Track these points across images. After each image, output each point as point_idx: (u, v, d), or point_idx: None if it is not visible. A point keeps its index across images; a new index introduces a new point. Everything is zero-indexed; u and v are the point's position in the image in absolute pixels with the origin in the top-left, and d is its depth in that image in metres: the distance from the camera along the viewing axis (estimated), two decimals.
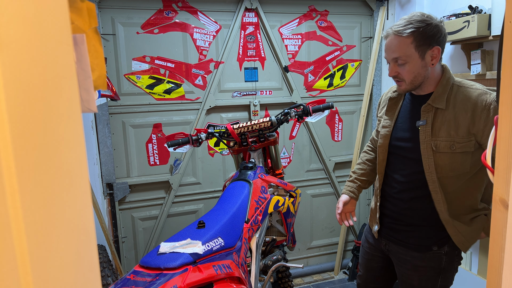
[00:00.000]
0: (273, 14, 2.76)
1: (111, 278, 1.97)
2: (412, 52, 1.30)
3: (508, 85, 0.52)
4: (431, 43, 1.30)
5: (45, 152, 0.37)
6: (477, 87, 1.36)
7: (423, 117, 1.39)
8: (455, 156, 1.35)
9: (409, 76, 1.34)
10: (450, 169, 1.38)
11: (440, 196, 1.41)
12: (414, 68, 1.32)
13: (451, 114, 1.34)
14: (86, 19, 0.56)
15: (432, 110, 1.38)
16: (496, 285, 0.56)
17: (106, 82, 0.62)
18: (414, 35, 1.28)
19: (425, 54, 1.31)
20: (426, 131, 1.38)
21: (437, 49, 1.31)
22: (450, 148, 1.34)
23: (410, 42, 1.29)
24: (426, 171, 1.41)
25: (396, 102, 1.54)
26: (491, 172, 0.60)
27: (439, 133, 1.36)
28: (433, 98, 1.37)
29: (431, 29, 1.29)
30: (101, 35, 2.39)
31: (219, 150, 2.79)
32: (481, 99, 1.30)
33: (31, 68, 0.35)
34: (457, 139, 1.33)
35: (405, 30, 1.29)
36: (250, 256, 1.66)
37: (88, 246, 0.46)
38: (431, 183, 1.41)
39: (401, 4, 2.83)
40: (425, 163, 1.40)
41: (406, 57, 1.31)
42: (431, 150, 1.38)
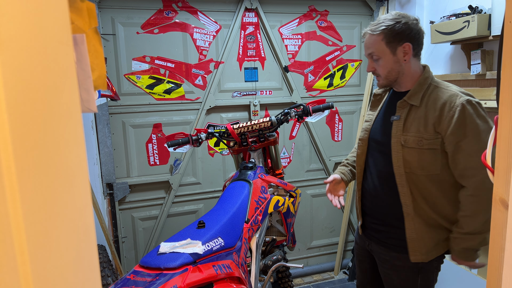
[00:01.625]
0: (273, 14, 2.76)
1: (111, 278, 1.97)
2: (384, 48, 1.41)
3: (508, 85, 0.52)
4: (400, 40, 1.40)
5: (45, 152, 0.37)
6: (451, 89, 1.41)
7: (398, 112, 1.47)
8: (423, 153, 1.40)
9: (383, 71, 1.44)
10: (418, 166, 1.42)
11: (406, 190, 1.46)
12: (387, 64, 1.42)
13: (423, 111, 1.41)
14: (86, 19, 0.56)
15: (407, 107, 1.45)
16: (496, 285, 0.56)
17: (106, 82, 0.62)
18: (384, 32, 1.39)
19: (396, 50, 1.41)
20: (398, 126, 1.45)
21: (408, 45, 1.40)
22: (418, 144, 1.40)
23: (381, 39, 1.40)
24: (394, 164, 1.47)
25: (380, 99, 1.62)
26: (491, 172, 0.60)
27: (410, 128, 1.42)
28: (409, 95, 1.44)
29: (400, 26, 1.39)
30: (101, 35, 2.39)
31: (219, 150, 2.79)
32: (450, 100, 1.36)
33: (31, 68, 0.35)
34: (425, 136, 1.39)
35: (377, 28, 1.40)
36: (250, 256, 1.66)
37: (88, 246, 0.46)
38: (398, 176, 1.46)
39: (401, 4, 2.83)
40: (394, 156, 1.46)
41: (379, 52, 1.42)
42: (400, 145, 1.44)
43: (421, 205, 1.46)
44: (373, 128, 1.58)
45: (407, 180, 1.44)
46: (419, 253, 1.48)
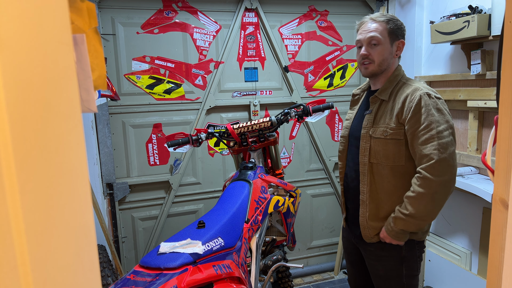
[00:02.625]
0: (273, 14, 2.76)
1: (111, 278, 1.97)
2: (385, 35, 1.51)
3: (508, 85, 0.52)
4: (398, 35, 1.54)
5: (45, 152, 0.37)
6: (416, 85, 1.51)
7: (371, 107, 1.59)
8: (387, 143, 1.50)
9: (378, 58, 1.53)
10: (384, 156, 1.51)
11: (366, 179, 1.56)
12: (384, 51, 1.52)
13: (390, 105, 1.53)
14: (86, 19, 0.56)
15: (378, 101, 1.57)
16: (496, 285, 0.56)
17: (106, 82, 0.62)
18: (388, 22, 1.51)
19: (394, 42, 1.53)
20: (369, 119, 1.57)
21: (402, 42, 1.55)
22: (383, 134, 1.50)
23: (385, 26, 1.51)
24: (360, 153, 1.57)
25: (358, 98, 1.74)
26: (491, 172, 0.60)
27: (379, 121, 1.53)
28: (380, 91, 1.57)
29: (400, 24, 1.55)
30: (101, 35, 2.39)
31: (219, 150, 2.79)
32: (412, 92, 1.47)
33: (31, 68, 0.35)
34: (390, 126, 1.49)
35: (382, 17, 1.52)
36: (250, 256, 1.66)
37: (88, 246, 0.46)
38: (362, 165, 1.57)
39: (401, 4, 2.83)
40: (361, 146, 1.57)
41: (380, 38, 1.51)
42: (368, 136, 1.55)
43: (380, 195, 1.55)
44: (352, 126, 1.68)
45: (369, 169, 1.55)
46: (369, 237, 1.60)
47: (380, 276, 1.62)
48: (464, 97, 2.25)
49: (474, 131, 2.26)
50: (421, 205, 1.41)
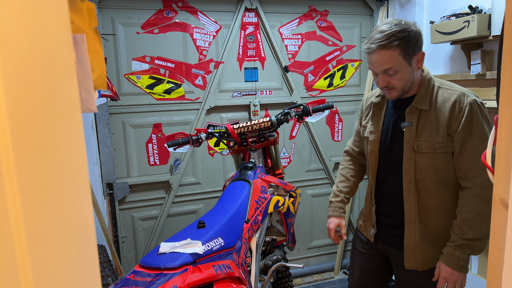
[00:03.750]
0: (273, 14, 2.76)
1: (111, 278, 1.97)
2: (401, 61, 1.32)
3: (508, 85, 0.52)
4: (415, 50, 1.33)
5: (45, 152, 0.37)
6: (456, 89, 1.38)
7: (408, 118, 1.42)
8: (436, 157, 1.37)
9: (400, 84, 1.36)
10: (433, 171, 1.39)
11: (412, 197, 1.43)
12: (404, 76, 1.35)
13: (434, 115, 1.37)
14: (86, 19, 0.56)
15: (416, 112, 1.40)
16: (496, 285, 0.56)
17: (106, 82, 0.62)
18: (400, 46, 1.30)
19: (412, 60, 1.34)
20: (411, 132, 1.41)
21: (422, 53, 1.35)
22: (431, 148, 1.37)
23: (398, 53, 1.30)
24: (404, 170, 1.43)
25: (380, 107, 1.55)
26: (491, 172, 0.60)
27: (422, 134, 1.39)
28: (417, 100, 1.40)
29: (414, 36, 1.31)
30: (101, 35, 2.39)
31: (219, 150, 2.79)
32: (459, 101, 1.34)
33: (31, 68, 0.35)
34: (437, 139, 1.36)
35: (391, 43, 1.29)
36: (250, 256, 1.66)
37: (88, 246, 0.46)
38: (407, 183, 1.43)
39: (401, 4, 2.83)
40: (405, 163, 1.43)
41: (397, 67, 1.32)
42: (413, 151, 1.40)
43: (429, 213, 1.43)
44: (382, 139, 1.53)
45: (416, 187, 1.42)
46: (414, 261, 1.47)
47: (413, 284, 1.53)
48: None
49: None
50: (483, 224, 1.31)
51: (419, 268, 1.47)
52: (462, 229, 1.34)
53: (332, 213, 1.72)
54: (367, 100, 1.65)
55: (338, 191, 1.74)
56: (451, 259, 1.35)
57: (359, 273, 1.74)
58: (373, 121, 1.56)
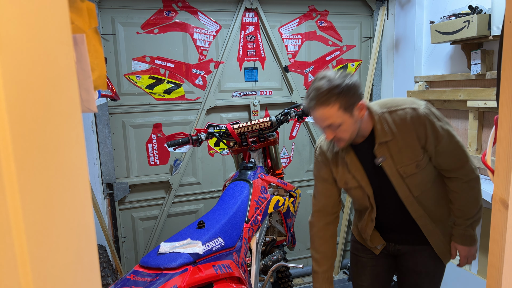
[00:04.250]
0: (273, 14, 2.76)
1: (111, 278, 1.97)
2: (342, 115, 1.32)
3: (508, 85, 0.52)
4: (355, 101, 1.33)
5: (45, 152, 0.37)
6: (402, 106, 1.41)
7: (379, 154, 1.43)
8: (424, 171, 1.44)
9: (346, 135, 1.38)
10: (427, 182, 1.46)
11: (420, 213, 1.49)
12: (348, 127, 1.36)
13: (401, 140, 1.39)
14: (86, 19, 0.56)
15: (384, 145, 1.42)
16: (496, 285, 0.56)
17: (106, 82, 0.62)
18: (339, 101, 1.30)
19: (352, 112, 1.34)
20: (389, 164, 1.43)
21: (362, 103, 1.35)
22: (417, 167, 1.42)
23: (337, 109, 1.31)
24: (402, 197, 1.46)
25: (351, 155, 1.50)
26: (491, 172, 0.60)
27: (403, 160, 1.41)
28: (378, 136, 1.41)
29: (350, 89, 1.31)
30: (101, 35, 2.39)
31: (219, 150, 2.79)
32: (414, 117, 1.37)
33: (31, 68, 0.35)
34: (419, 158, 1.41)
35: (329, 99, 1.30)
36: (250, 256, 1.66)
37: (88, 246, 0.46)
38: (410, 205, 1.48)
39: (401, 4, 2.83)
40: (400, 192, 1.46)
41: (339, 120, 1.33)
42: (401, 178, 1.44)
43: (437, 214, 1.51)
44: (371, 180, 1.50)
45: (418, 203, 1.47)
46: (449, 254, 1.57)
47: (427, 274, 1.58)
48: (464, 97, 2.25)
49: (474, 131, 2.26)
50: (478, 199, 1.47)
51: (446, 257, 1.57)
52: (464, 212, 1.46)
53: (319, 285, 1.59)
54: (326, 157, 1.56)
55: (321, 258, 1.62)
56: (466, 239, 1.48)
57: (369, 281, 1.68)
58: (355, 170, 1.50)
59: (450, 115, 2.49)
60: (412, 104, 1.40)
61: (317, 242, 1.62)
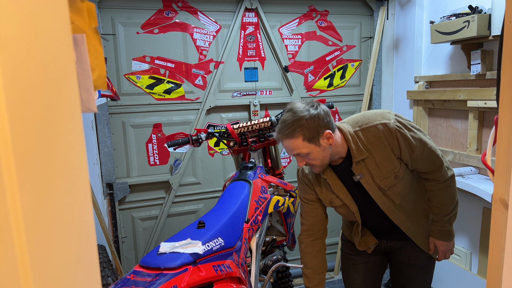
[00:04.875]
0: (273, 14, 2.76)
1: (111, 278, 1.97)
2: (307, 145, 1.37)
3: (508, 85, 0.52)
4: (319, 132, 1.36)
5: (45, 152, 0.37)
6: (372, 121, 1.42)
7: (357, 172, 1.46)
8: (402, 181, 1.48)
9: (317, 162, 1.42)
10: (405, 189, 1.50)
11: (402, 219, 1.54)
12: (317, 155, 1.40)
13: (377, 155, 1.43)
14: (86, 19, 0.56)
15: (361, 163, 1.45)
16: (496, 285, 0.56)
17: (106, 82, 0.62)
18: (302, 133, 1.35)
19: (318, 142, 1.37)
20: (368, 180, 1.46)
21: (328, 132, 1.37)
22: (396, 178, 1.46)
23: (301, 140, 1.36)
24: (383, 208, 1.51)
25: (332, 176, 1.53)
26: (491, 172, 0.60)
27: (380, 174, 1.44)
28: (354, 155, 1.43)
29: (311, 121, 1.34)
30: (101, 35, 2.39)
31: (219, 150, 2.79)
32: (386, 132, 1.40)
33: (31, 68, 0.35)
34: (396, 169, 1.44)
35: (292, 132, 1.35)
36: (250, 256, 1.66)
37: (88, 246, 0.46)
38: (391, 213, 1.52)
39: (401, 4, 2.83)
40: (380, 203, 1.50)
41: (305, 150, 1.38)
42: (380, 192, 1.48)
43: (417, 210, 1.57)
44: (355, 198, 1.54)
45: (399, 211, 1.53)
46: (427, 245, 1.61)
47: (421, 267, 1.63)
48: (464, 97, 2.25)
49: (474, 131, 2.26)
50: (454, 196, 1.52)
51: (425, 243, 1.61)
52: (441, 209, 1.51)
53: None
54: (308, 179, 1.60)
55: (311, 274, 1.64)
56: (442, 234, 1.53)
57: (363, 278, 1.70)
58: (337, 190, 1.54)
59: (450, 115, 2.49)
60: (382, 119, 1.42)
61: (306, 258, 1.65)
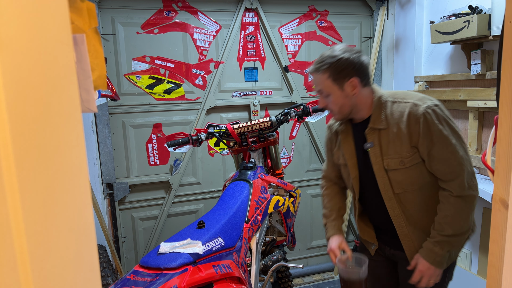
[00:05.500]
0: (273, 14, 2.76)
1: (111, 278, 1.97)
2: (331, 85, 1.39)
3: (508, 85, 0.52)
4: (346, 76, 1.37)
5: (45, 152, 0.37)
6: (409, 99, 1.39)
7: (369, 139, 1.44)
8: (408, 171, 1.39)
9: (335, 107, 1.43)
10: (409, 183, 1.41)
11: (397, 212, 1.45)
12: (337, 99, 1.41)
13: (393, 131, 1.39)
14: (86, 19, 0.56)
15: (376, 132, 1.42)
16: (496, 285, 0.56)
17: (106, 82, 0.62)
18: (328, 70, 1.37)
19: (343, 85, 1.38)
20: (376, 152, 1.43)
21: (355, 80, 1.37)
22: (400, 164, 1.39)
23: (327, 77, 1.38)
24: (381, 190, 1.45)
25: (347, 134, 1.54)
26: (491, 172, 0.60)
27: (388, 152, 1.40)
28: (373, 121, 1.42)
29: (343, 63, 1.36)
30: (101, 35, 2.39)
31: (219, 150, 2.79)
32: (412, 112, 1.34)
33: (31, 68, 0.35)
34: (404, 155, 1.38)
35: (321, 67, 1.38)
36: (250, 256, 1.66)
37: (88, 246, 0.46)
38: (388, 200, 1.45)
39: (401, 4, 2.83)
40: (379, 182, 1.44)
41: (327, 90, 1.40)
42: (383, 170, 1.42)
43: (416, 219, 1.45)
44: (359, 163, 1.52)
45: (397, 201, 1.44)
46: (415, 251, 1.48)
47: None
48: (464, 97, 2.25)
49: (474, 131, 2.26)
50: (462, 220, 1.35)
51: None
52: (442, 226, 1.36)
53: (330, 233, 1.61)
54: (331, 129, 1.63)
55: (329, 211, 1.66)
56: (430, 254, 1.38)
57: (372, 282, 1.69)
58: (345, 148, 1.55)
59: None
60: (418, 100, 1.37)
61: (325, 200, 1.70)
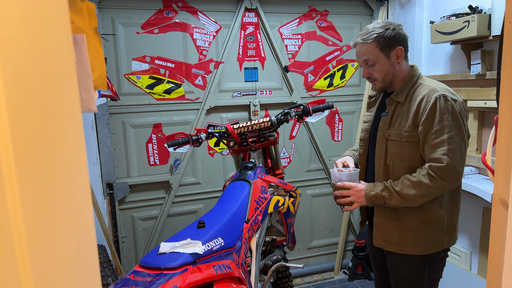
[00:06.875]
0: (273, 14, 2.76)
1: (111, 278, 1.97)
2: (378, 53, 1.50)
3: (508, 85, 0.52)
4: (393, 45, 1.50)
5: (45, 152, 0.37)
6: (433, 86, 1.48)
7: (387, 109, 1.57)
8: (402, 146, 1.49)
9: (379, 75, 1.53)
10: (399, 158, 1.51)
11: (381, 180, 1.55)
12: (383, 67, 1.52)
13: (406, 107, 1.51)
14: (86, 19, 0.56)
15: (394, 103, 1.55)
16: (496, 285, 0.56)
17: (106, 82, 0.62)
18: (377, 39, 1.49)
19: (390, 54, 1.50)
20: (385, 121, 1.56)
21: (400, 49, 1.50)
22: (398, 136, 1.50)
23: (375, 46, 1.50)
24: (376, 155, 1.57)
25: (375, 100, 1.72)
26: (491, 172, 0.60)
27: (395, 123, 1.52)
28: (396, 93, 1.55)
29: (390, 33, 1.49)
30: (101, 35, 2.39)
31: (219, 150, 2.79)
32: (428, 94, 1.45)
33: (31, 68, 0.35)
34: (404, 129, 1.49)
35: (369, 37, 1.49)
36: (250, 256, 1.66)
37: (88, 246, 0.46)
38: (378, 167, 1.57)
39: (401, 4, 2.83)
40: (377, 148, 1.57)
41: (374, 58, 1.51)
42: (384, 138, 1.55)
43: None
44: (372, 128, 1.66)
45: (385, 171, 1.55)
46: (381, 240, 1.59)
47: (401, 277, 1.58)
48: (464, 97, 2.25)
49: (474, 131, 2.26)
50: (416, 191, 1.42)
51: (384, 247, 1.60)
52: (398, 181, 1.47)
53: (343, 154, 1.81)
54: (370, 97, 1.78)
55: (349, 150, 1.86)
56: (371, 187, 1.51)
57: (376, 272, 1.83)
58: (368, 112, 1.73)
59: None
60: (441, 88, 1.46)
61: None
